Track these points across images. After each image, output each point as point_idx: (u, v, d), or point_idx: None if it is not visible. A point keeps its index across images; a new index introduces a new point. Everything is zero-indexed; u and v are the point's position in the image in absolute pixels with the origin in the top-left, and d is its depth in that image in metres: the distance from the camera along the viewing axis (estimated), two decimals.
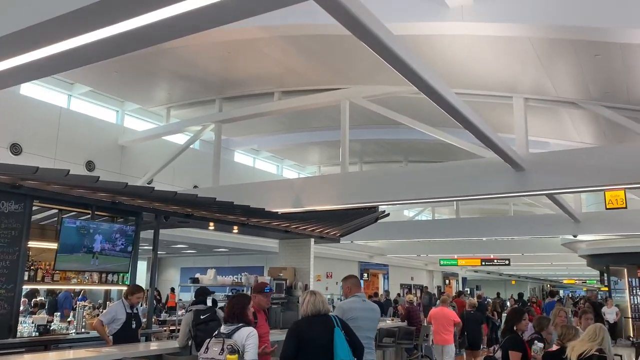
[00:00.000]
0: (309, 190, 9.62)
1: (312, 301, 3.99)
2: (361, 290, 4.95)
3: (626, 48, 5.53)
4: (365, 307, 4.76)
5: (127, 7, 2.62)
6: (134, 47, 3.39)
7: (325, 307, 4.01)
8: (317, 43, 7.79)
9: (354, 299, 4.79)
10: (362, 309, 4.69)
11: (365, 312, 4.69)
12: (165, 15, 2.72)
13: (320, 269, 19.95)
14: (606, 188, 9.02)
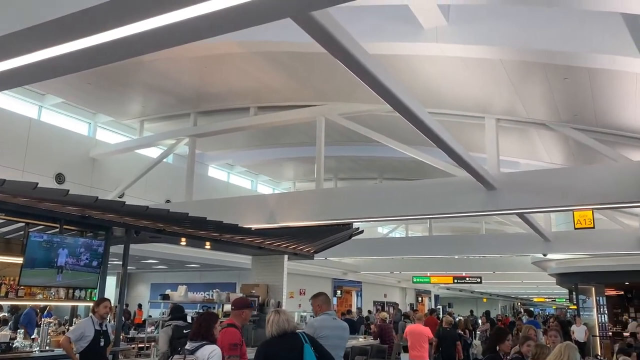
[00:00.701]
0: (284, 206, 9.59)
1: (276, 321, 3.94)
2: (331, 308, 4.94)
3: (593, 72, 5.70)
4: (336, 326, 4.77)
5: (103, 20, 2.59)
6: (108, 59, 3.35)
7: (290, 325, 3.96)
8: (294, 59, 7.84)
9: (324, 317, 4.79)
10: (333, 327, 4.71)
11: (336, 330, 4.71)
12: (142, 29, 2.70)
13: (294, 286, 19.81)
14: (575, 208, 9.22)
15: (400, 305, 30.05)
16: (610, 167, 7.18)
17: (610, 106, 6.71)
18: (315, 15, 2.92)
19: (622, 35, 5.18)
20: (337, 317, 4.93)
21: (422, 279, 25.98)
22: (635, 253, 13.95)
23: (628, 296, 21.41)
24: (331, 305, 5.02)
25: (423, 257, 19.87)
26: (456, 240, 17.70)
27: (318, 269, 20.80)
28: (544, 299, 48.61)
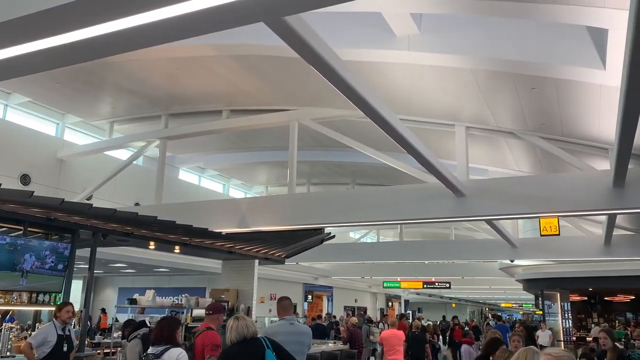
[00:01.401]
0: (255, 210, 9.54)
1: (235, 327, 3.87)
2: (291, 313, 4.96)
3: (560, 83, 5.85)
4: (292, 331, 4.75)
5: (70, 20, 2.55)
6: (76, 59, 3.30)
7: (250, 330, 3.89)
8: (268, 64, 7.83)
9: (281, 323, 4.82)
10: (287, 333, 4.68)
11: (291, 335, 4.68)
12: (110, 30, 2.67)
13: (264, 291, 19.72)
14: (541, 215, 9.44)
15: (370, 310, 30.22)
16: (575, 176, 7.38)
17: (576, 116, 6.89)
18: (288, 20, 2.93)
19: (588, 48, 5.34)
20: (296, 322, 4.94)
21: (392, 284, 26.16)
22: (598, 260, 14.35)
23: (591, 302, 21.99)
24: (291, 310, 5.03)
25: (394, 262, 20.03)
26: (426, 245, 17.88)
27: (289, 274, 20.76)
28: (511, 304, 49.47)
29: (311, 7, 2.55)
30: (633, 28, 2.95)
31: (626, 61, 3.39)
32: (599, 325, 19.81)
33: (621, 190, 6.70)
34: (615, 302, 22.03)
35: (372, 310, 30.85)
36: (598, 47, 5.19)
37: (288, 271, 20.11)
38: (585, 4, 4.17)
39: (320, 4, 2.63)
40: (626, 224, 12.12)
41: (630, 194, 6.71)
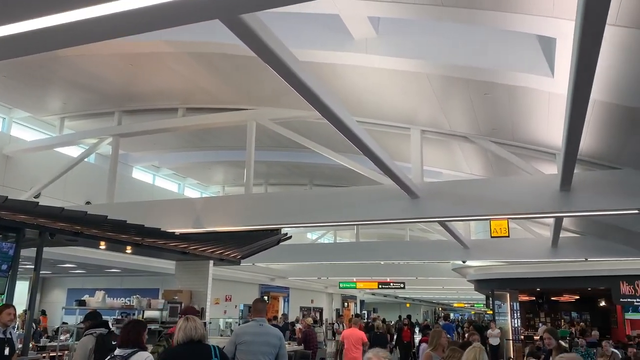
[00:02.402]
0: (211, 210, 9.43)
1: (183, 327, 3.84)
2: (262, 315, 5.08)
3: (511, 89, 6.03)
4: (260, 332, 4.86)
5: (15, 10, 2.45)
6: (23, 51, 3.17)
7: (197, 333, 3.83)
8: (226, 62, 7.74)
9: (250, 324, 5.00)
10: (255, 334, 4.82)
11: (259, 336, 4.80)
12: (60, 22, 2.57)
13: (219, 292, 19.51)
14: (491, 217, 9.70)
15: (326, 310, 30.35)
16: (524, 180, 7.62)
17: (526, 122, 7.12)
18: (245, 19, 2.90)
19: (538, 56, 5.53)
20: (265, 324, 5.04)
21: (348, 284, 26.35)
22: (546, 261, 14.88)
23: (539, 302, 22.80)
24: (263, 312, 5.18)
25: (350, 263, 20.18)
26: (382, 246, 18.12)
27: (245, 275, 20.60)
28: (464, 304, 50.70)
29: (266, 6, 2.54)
30: (578, 38, 3.07)
31: (572, 70, 3.53)
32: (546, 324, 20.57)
33: (567, 193, 6.98)
34: (562, 301, 22.92)
35: (328, 310, 30.99)
36: (547, 55, 5.38)
37: (244, 272, 19.95)
38: (535, 13, 4.32)
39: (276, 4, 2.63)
40: (572, 227, 12.62)
41: (575, 197, 6.99)
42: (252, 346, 4.69)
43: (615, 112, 5.43)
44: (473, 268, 19.23)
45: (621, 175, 6.91)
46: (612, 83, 4.79)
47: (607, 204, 6.90)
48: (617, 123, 5.74)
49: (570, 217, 10.24)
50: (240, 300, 22.19)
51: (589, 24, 2.89)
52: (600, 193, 6.91)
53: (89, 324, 5.70)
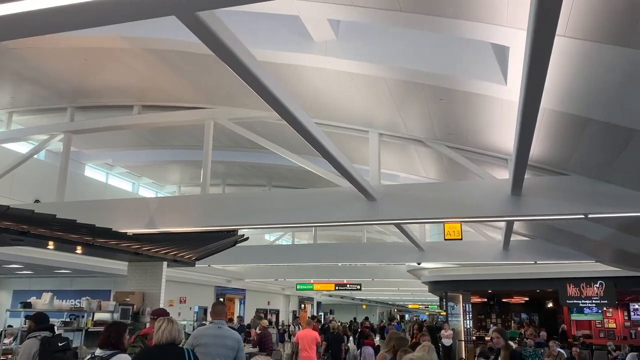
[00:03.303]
0: (166, 210, 9.24)
1: (169, 329, 3.94)
2: (221, 318, 5.21)
3: (466, 95, 6.17)
4: (217, 334, 4.95)
5: None
6: None
7: (180, 336, 4.01)
8: (184, 60, 7.61)
9: (209, 326, 5.14)
10: (213, 335, 4.91)
11: (216, 338, 4.89)
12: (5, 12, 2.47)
13: (174, 294, 19.17)
14: (445, 220, 9.90)
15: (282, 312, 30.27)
16: (477, 184, 7.82)
17: (480, 128, 7.30)
18: (202, 16, 2.86)
19: (492, 64, 5.68)
20: (224, 327, 5.12)
21: (305, 286, 26.35)
22: (498, 263, 15.29)
23: (490, 303, 23.42)
24: (222, 315, 5.31)
25: (308, 265, 20.18)
26: (339, 248, 18.19)
27: (200, 276, 20.30)
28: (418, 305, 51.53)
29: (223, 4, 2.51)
30: (530, 48, 3.17)
31: (523, 79, 3.65)
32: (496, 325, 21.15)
33: (518, 198, 7.20)
34: (512, 303, 23.61)
35: (285, 312, 30.91)
36: (501, 63, 5.53)
37: (199, 274, 19.66)
38: (489, 22, 4.43)
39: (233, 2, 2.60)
40: (522, 230, 13.02)
41: (526, 201, 7.21)
42: (210, 348, 4.74)
43: (563, 120, 5.63)
44: (427, 270, 19.56)
45: (569, 182, 7.18)
46: (561, 92, 4.97)
47: (555, 208, 7.16)
48: (566, 131, 5.96)
49: (521, 220, 10.57)
50: (195, 302, 21.86)
51: (540, 34, 2.98)
52: (549, 198, 7.16)
53: (34, 326, 5.50)
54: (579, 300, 16.75)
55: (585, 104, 5.09)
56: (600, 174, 6.79)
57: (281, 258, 17.87)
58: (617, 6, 3.55)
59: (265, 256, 17.77)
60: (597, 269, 15.04)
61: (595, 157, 6.48)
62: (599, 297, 16.42)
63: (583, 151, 6.40)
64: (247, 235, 12.68)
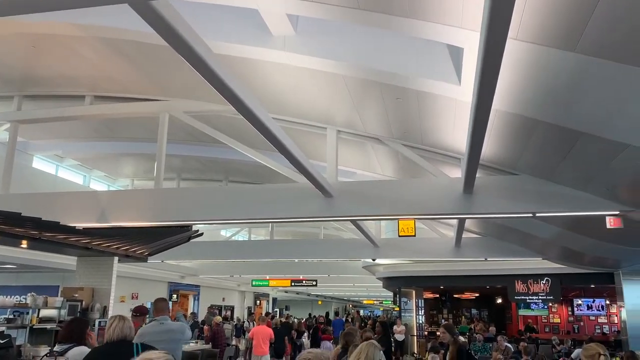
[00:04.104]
0: (118, 204, 9.02)
1: (120, 326, 4.01)
2: (164, 314, 5.40)
3: (421, 95, 6.27)
4: (162, 330, 5.17)
5: None
6: None
7: (132, 333, 4.10)
8: (138, 50, 7.41)
9: (152, 324, 5.31)
10: (157, 332, 5.12)
11: (161, 334, 5.11)
12: None
13: (125, 290, 18.75)
14: (400, 217, 10.05)
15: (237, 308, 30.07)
16: (431, 182, 7.98)
17: (434, 127, 7.44)
18: (155, 5, 2.79)
19: (447, 64, 5.79)
20: (167, 322, 5.33)
21: (261, 282, 26.26)
22: (450, 260, 15.66)
23: (442, 299, 23.96)
24: (165, 311, 5.49)
25: (264, 261, 20.10)
26: (296, 244, 18.21)
27: (153, 272, 19.94)
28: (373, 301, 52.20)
29: None
30: (483, 50, 3.25)
31: (476, 80, 3.74)
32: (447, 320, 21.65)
33: (469, 196, 7.39)
34: (463, 299, 24.23)
35: (240, 308, 30.70)
36: (455, 64, 5.65)
37: (152, 269, 19.31)
38: (445, 23, 4.52)
39: None
40: (474, 228, 13.38)
41: (477, 200, 7.42)
42: (158, 344, 4.65)
43: (514, 122, 5.81)
44: (382, 266, 19.84)
45: (518, 181, 7.42)
46: (512, 94, 5.12)
47: (505, 207, 7.40)
48: (516, 132, 6.15)
49: (472, 218, 10.85)
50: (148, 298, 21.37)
51: (492, 36, 3.06)
52: (499, 197, 7.39)
53: None
54: (526, 296, 17.35)
55: (535, 106, 5.26)
56: (548, 174, 7.05)
57: (237, 254, 17.74)
58: (565, 11, 3.69)
59: (221, 252, 17.59)
60: (543, 266, 15.62)
61: (543, 158, 6.72)
62: (545, 293, 17.07)
63: (532, 152, 6.63)
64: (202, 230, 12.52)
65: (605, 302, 20.75)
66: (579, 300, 21.04)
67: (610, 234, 7.83)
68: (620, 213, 6.98)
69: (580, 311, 21.14)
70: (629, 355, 9.44)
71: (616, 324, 19.68)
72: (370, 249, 14.54)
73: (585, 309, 21.03)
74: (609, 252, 11.20)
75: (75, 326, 4.31)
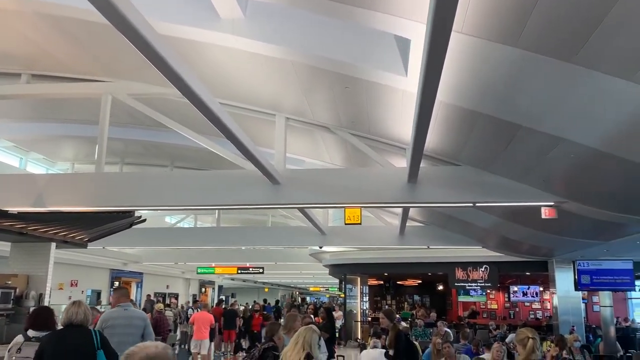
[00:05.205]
0: (57, 188, 8.67)
1: (66, 310, 4.21)
2: (125, 301, 5.78)
3: (369, 85, 6.33)
4: (125, 315, 5.52)
5: None
6: None
7: (78, 318, 4.18)
8: (80, 28, 7.09)
9: (116, 309, 5.61)
10: (120, 317, 5.47)
11: (123, 319, 5.46)
12: None
13: (64, 277, 18.13)
14: (346, 205, 10.19)
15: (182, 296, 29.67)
16: (377, 171, 8.11)
17: (381, 117, 7.54)
18: None
19: (395, 55, 5.86)
20: (130, 309, 5.73)
21: (206, 269, 25.97)
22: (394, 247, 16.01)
23: (386, 285, 24.47)
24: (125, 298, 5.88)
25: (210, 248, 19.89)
26: (243, 232, 18.10)
27: (95, 259, 19.34)
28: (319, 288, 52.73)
29: None
30: (428, 41, 3.32)
31: (421, 71, 3.81)
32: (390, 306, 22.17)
33: (414, 185, 7.56)
34: (406, 285, 24.83)
35: (185, 296, 30.29)
36: (403, 55, 5.73)
37: (93, 256, 18.72)
38: (393, 14, 4.57)
39: None
40: (418, 217, 13.72)
41: (420, 189, 7.61)
42: (118, 329, 5.23)
43: (457, 114, 5.98)
44: (329, 253, 20.04)
45: (460, 172, 7.66)
46: (456, 86, 5.25)
47: (447, 196, 7.63)
48: (459, 123, 6.33)
49: (415, 207, 11.13)
50: (88, 285, 20.83)
51: (438, 29, 3.13)
52: (442, 187, 7.60)
53: None
54: (466, 283, 17.98)
55: (477, 99, 5.43)
56: (488, 165, 7.31)
57: (182, 241, 17.47)
58: (507, 7, 3.81)
59: (166, 239, 17.28)
60: (483, 254, 16.23)
61: (484, 149, 6.96)
62: (484, 280, 17.74)
63: (473, 143, 6.84)
64: (146, 217, 12.24)
65: (539, 289, 21.79)
66: (515, 287, 21.99)
67: (545, 224, 8.21)
68: (555, 204, 7.34)
69: (516, 297, 22.11)
70: (559, 339, 10.00)
71: (549, 309, 20.75)
72: (317, 236, 14.66)
73: (520, 295, 22.01)
74: (543, 241, 11.76)
75: (40, 313, 4.60)
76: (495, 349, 7.39)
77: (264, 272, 26.08)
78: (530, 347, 4.23)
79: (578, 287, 13.42)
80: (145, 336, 5.54)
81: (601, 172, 5.80)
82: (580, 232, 9.58)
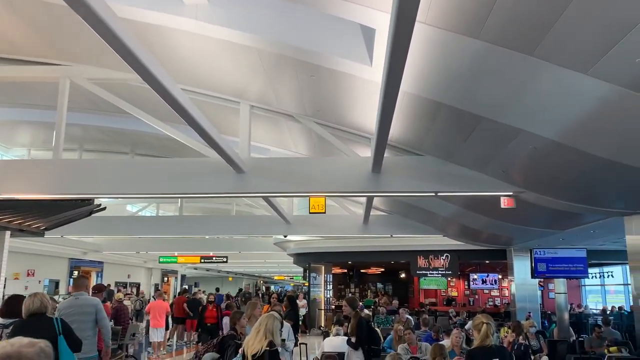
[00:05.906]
0: (12, 175, 8.37)
1: (34, 301, 4.40)
2: (81, 290, 6.00)
3: (334, 74, 6.32)
4: (76, 304, 5.73)
5: None
6: None
7: (34, 306, 4.36)
8: (36, 9, 6.83)
9: (69, 299, 5.97)
10: (71, 306, 5.72)
11: (76, 307, 5.68)
12: None
13: (20, 266, 17.62)
14: (311, 194, 10.20)
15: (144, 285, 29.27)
16: (342, 161, 8.15)
17: (346, 106, 7.56)
18: None
19: (360, 44, 5.87)
20: (82, 297, 5.88)
21: (169, 258, 25.64)
22: (358, 236, 16.16)
23: (350, 274, 24.72)
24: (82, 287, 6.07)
25: (173, 237, 19.62)
26: (207, 220, 17.93)
27: (52, 248, 18.84)
28: (284, 277, 52.83)
29: None
30: (392, 32, 3.33)
31: (386, 61, 3.83)
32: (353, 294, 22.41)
33: (378, 175, 7.63)
34: (369, 274, 25.15)
35: (147, 285, 29.86)
36: (368, 45, 5.74)
37: (50, 245, 18.22)
38: (357, 3, 4.57)
39: None
40: (381, 206, 13.87)
41: (384, 179, 7.68)
42: (70, 317, 5.30)
43: (420, 104, 6.04)
44: (293, 242, 20.07)
45: (423, 162, 7.76)
46: (419, 76, 5.30)
47: (410, 186, 7.73)
48: (422, 114, 6.40)
49: (379, 196, 11.24)
50: (46, 275, 20.28)
51: (402, 19, 3.14)
52: (405, 176, 7.70)
53: None
54: (427, 270, 18.34)
55: (439, 90, 5.50)
56: (450, 156, 7.43)
57: (144, 230, 17.17)
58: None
59: (127, 228, 16.96)
60: (444, 243, 16.57)
61: (446, 140, 7.07)
62: (445, 268, 18.13)
63: (436, 134, 6.94)
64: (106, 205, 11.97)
65: (497, 277, 22.41)
66: (475, 275, 22.56)
67: (504, 213, 8.43)
68: (514, 194, 7.54)
69: (475, 285, 22.69)
70: (516, 324, 10.33)
71: (507, 296, 21.38)
72: (282, 225, 14.65)
73: (480, 283, 22.59)
74: (502, 230, 12.08)
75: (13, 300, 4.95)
76: (454, 335, 7.59)
77: (227, 261, 25.93)
78: (484, 332, 4.38)
79: (535, 274, 13.86)
80: (98, 321, 5.76)
81: (559, 164, 5.98)
82: (537, 221, 9.87)
